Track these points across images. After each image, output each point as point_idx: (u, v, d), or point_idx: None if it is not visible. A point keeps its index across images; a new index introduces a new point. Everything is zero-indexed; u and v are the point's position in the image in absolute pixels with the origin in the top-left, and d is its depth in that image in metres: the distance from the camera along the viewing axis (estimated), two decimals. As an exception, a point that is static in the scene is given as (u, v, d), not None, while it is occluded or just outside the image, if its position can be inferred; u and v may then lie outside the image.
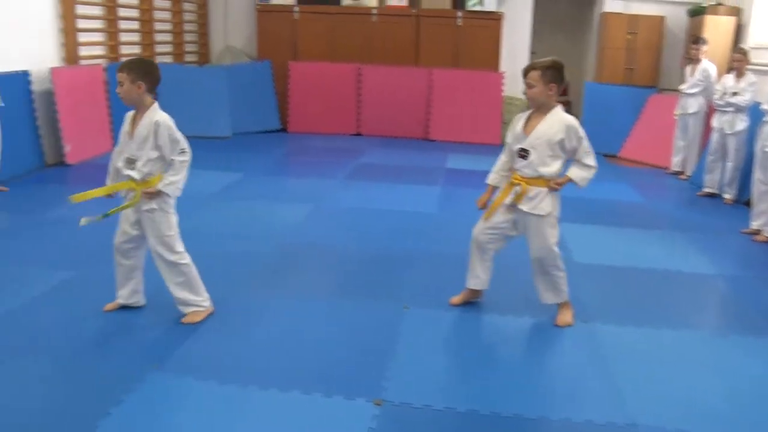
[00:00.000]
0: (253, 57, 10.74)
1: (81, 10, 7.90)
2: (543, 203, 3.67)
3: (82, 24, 7.96)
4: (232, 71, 10.04)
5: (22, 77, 7.05)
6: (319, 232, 5.47)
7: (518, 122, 3.70)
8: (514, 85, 9.95)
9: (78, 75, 7.78)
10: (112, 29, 8.64)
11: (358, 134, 9.99)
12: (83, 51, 8.04)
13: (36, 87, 7.23)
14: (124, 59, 8.72)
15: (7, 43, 6.58)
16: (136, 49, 9.28)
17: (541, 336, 3.76)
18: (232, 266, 4.61)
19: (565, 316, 3.85)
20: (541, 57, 3.77)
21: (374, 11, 9.96)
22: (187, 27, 10.64)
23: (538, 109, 3.64)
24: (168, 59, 10.03)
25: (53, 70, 7.31)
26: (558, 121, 3.60)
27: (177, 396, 3.01)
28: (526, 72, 3.57)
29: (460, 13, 9.74)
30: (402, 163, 8.16)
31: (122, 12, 8.78)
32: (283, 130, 10.33)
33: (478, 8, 9.69)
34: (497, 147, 9.55)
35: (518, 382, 3.23)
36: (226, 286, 4.25)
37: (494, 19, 9.71)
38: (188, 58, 10.71)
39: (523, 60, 10.11)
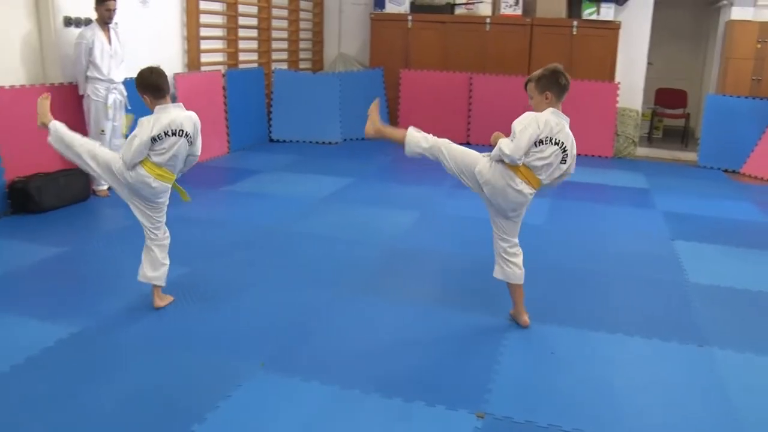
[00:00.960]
0: (365, 64, 10.88)
1: (204, 19, 8.23)
2: None
3: (204, 32, 8.30)
4: (344, 78, 10.21)
5: (148, 82, 7.40)
6: (425, 238, 5.47)
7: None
8: (629, 97, 9.68)
9: (199, 80, 8.10)
10: (231, 37, 8.95)
11: (467, 143, 9.93)
12: (204, 58, 8.37)
13: (160, 91, 7.56)
14: (242, 65, 9.07)
15: (137, 51, 6.92)
16: (253, 56, 9.59)
17: (653, 358, 3.61)
18: (339, 270, 4.67)
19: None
20: (659, 67, 3.70)
21: (488, 20, 9.90)
22: (303, 35, 10.90)
23: None
24: (283, 66, 10.30)
25: (177, 76, 7.64)
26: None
27: (281, 394, 3.06)
28: (525, 85, 3.74)
29: (575, 23, 9.54)
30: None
31: (242, 21, 9.09)
32: (393, 137, 10.39)
33: (594, 17, 9.46)
34: (608, 159, 9.33)
35: (628, 405, 3.11)
36: (334, 289, 4.32)
37: (611, 28, 9.47)
38: (303, 65, 10.96)
39: (640, 70, 9.81)
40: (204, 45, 8.35)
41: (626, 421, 2.95)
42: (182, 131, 3.79)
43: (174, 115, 3.78)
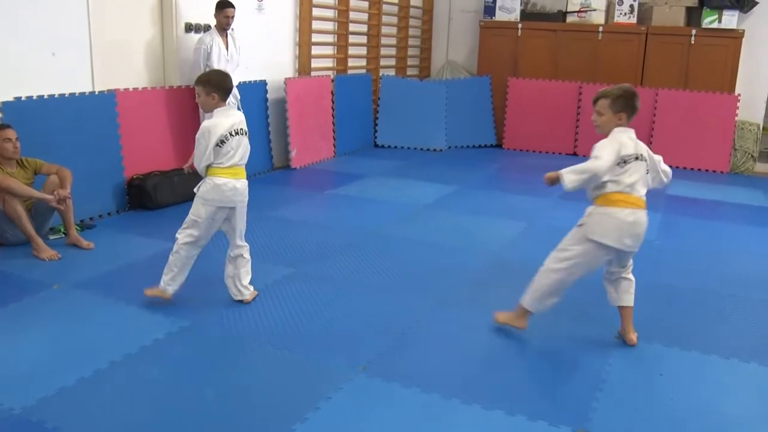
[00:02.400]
0: (472, 72, 10.83)
1: (316, 25, 8.40)
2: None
3: (315, 38, 8.46)
4: (451, 85, 10.20)
5: (261, 86, 7.62)
6: (530, 250, 5.36)
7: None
8: (750, 109, 9.24)
9: (308, 85, 8.27)
10: (341, 43, 9.09)
11: (575, 154, 9.74)
12: (315, 63, 8.54)
13: (271, 95, 7.78)
14: (350, 71, 9.20)
15: (252, 55, 7.14)
16: (362, 62, 9.71)
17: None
18: (441, 277, 4.66)
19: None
20: None
21: (600, 29, 9.66)
22: (411, 42, 10.97)
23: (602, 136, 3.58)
24: (391, 72, 10.38)
25: (287, 80, 7.82)
26: None
27: (381, 399, 3.07)
28: (595, 100, 3.54)
29: (694, 31, 9.18)
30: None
31: (352, 27, 9.22)
32: (499, 145, 10.32)
33: (715, 25, 9.08)
34: (724, 174, 8.92)
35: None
36: (436, 296, 4.30)
37: (733, 37, 9.05)
38: (410, 71, 11.02)
39: (764, 81, 9.32)
40: (315, 51, 8.51)
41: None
42: (244, 130, 4.01)
43: (235, 116, 4.02)
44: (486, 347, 3.65)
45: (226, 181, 3.90)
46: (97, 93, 5.67)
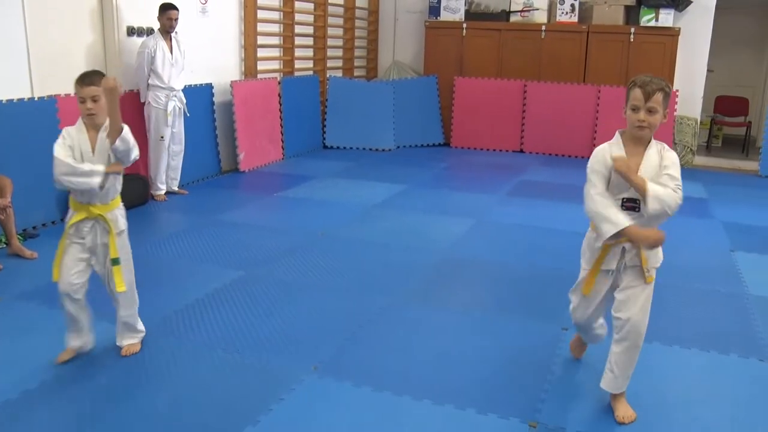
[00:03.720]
0: (419, 72, 10.90)
1: (261, 28, 8.36)
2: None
3: (261, 41, 8.42)
4: (398, 85, 10.25)
5: (207, 90, 7.56)
6: (480, 247, 5.45)
7: (608, 160, 2.87)
8: (687, 105, 9.49)
9: (255, 87, 8.22)
10: (288, 45, 9.06)
11: (521, 151, 9.88)
12: (261, 65, 8.50)
13: (217, 99, 7.72)
14: (297, 72, 9.18)
15: (197, 59, 7.08)
16: (309, 64, 9.70)
17: (711, 371, 3.52)
18: (392, 276, 4.69)
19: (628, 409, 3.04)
20: (719, 75, 3.43)
21: (543, 27, 9.82)
22: (358, 43, 10.98)
23: (639, 141, 2.90)
24: (338, 73, 10.39)
25: (233, 83, 7.77)
26: (658, 152, 2.89)
27: (333, 399, 3.08)
28: (652, 92, 2.75)
29: (633, 29, 9.40)
30: (566, 181, 7.97)
31: (298, 29, 9.20)
32: (447, 144, 10.41)
33: (653, 24, 9.30)
34: (668, 168, 9.12)
35: (683, 417, 3.05)
36: (386, 295, 4.33)
37: (670, 35, 9.29)
38: (357, 72, 11.04)
39: (700, 78, 9.58)
40: (261, 53, 8.47)
41: (683, 435, 2.89)
42: None
43: None
44: (437, 345, 3.68)
45: None
46: (36, 99, 5.56)
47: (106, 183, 3.18)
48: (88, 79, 3.16)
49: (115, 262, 3.30)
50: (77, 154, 3.19)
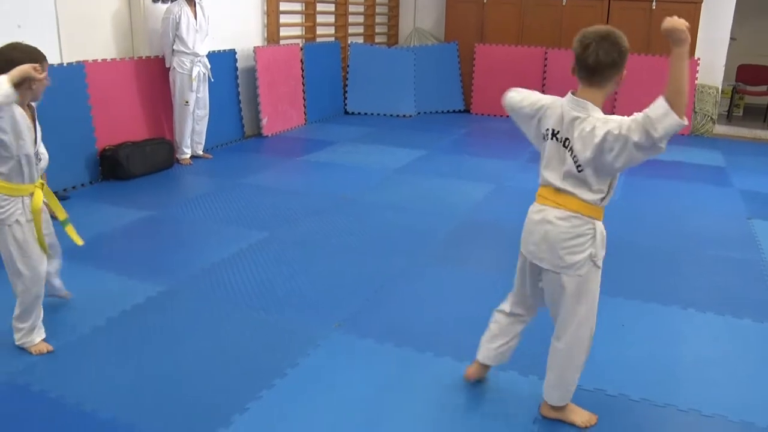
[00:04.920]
0: (440, 39, 10.89)
1: (283, -7, 8.41)
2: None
3: (283, 7, 8.47)
4: (418, 52, 10.26)
5: (230, 56, 7.63)
6: (499, 211, 5.53)
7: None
8: (708, 73, 9.43)
9: (277, 53, 8.29)
10: (310, 11, 9.10)
11: (541, 118, 9.89)
12: (283, 31, 8.55)
13: (240, 64, 7.80)
14: (319, 39, 9.21)
15: (220, 25, 7.15)
16: (330, 30, 9.73)
17: (725, 334, 3.60)
18: (412, 239, 4.79)
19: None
20: (742, 43, 3.19)
21: (565, -6, 9.77)
22: (379, 9, 10.98)
23: None
24: (360, 40, 10.41)
25: (256, 49, 7.84)
26: None
27: (357, 354, 3.21)
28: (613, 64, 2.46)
29: (655, -4, 9.33)
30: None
31: (320, -5, 9.24)
32: (467, 111, 10.44)
33: (676, -10, 9.21)
34: (684, 137, 9.13)
35: (696, 378, 3.14)
36: (406, 257, 4.43)
37: (693, 2, 9.20)
38: (378, 39, 11.05)
39: (722, 47, 9.50)
40: (283, 19, 8.52)
41: (693, 393, 2.98)
42: None
43: None
44: (456, 305, 3.78)
45: None
46: (65, 65, 5.67)
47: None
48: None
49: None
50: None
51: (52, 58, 5.54)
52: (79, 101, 5.79)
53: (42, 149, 3.17)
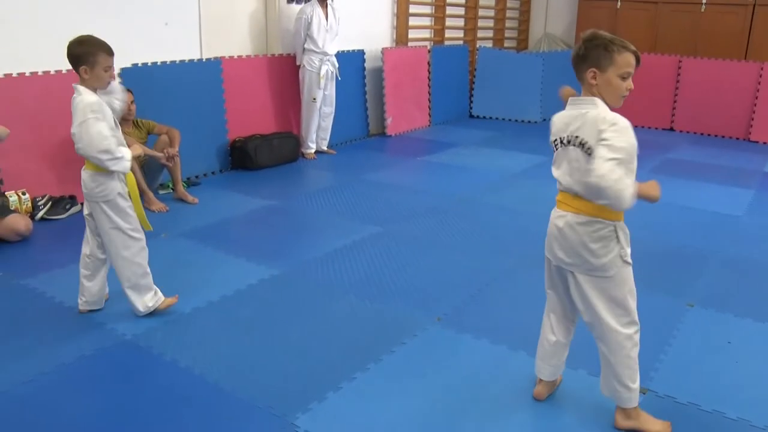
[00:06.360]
0: (570, 45, 10.76)
1: (414, -4, 8.59)
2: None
3: (413, 9, 8.64)
4: (547, 58, 10.18)
5: (359, 56, 7.88)
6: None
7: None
8: None
9: (405, 55, 8.47)
10: (439, 14, 9.23)
11: (671, 129, 9.58)
12: (412, 33, 8.73)
13: (368, 65, 8.03)
14: (447, 42, 9.33)
15: (351, 26, 7.41)
16: (459, 33, 9.83)
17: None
18: (521, 241, 4.82)
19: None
20: None
21: (704, 1, 9.42)
22: (509, 14, 10.98)
23: None
24: (488, 44, 10.45)
25: (384, 50, 8.05)
26: None
27: (452, 347, 3.29)
28: (638, 60, 2.47)
29: (807, 3, 8.84)
30: (714, 162, 7.70)
31: (450, -2, 9.36)
32: (593, 119, 10.25)
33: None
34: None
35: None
36: (515, 258, 4.48)
37: None
38: (507, 43, 11.05)
39: None
40: (412, 21, 8.70)
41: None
42: None
43: None
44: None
45: None
46: (204, 60, 6.07)
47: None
48: (112, 50, 3.18)
49: None
50: (109, 122, 3.21)
51: (193, 54, 5.96)
52: (214, 94, 6.19)
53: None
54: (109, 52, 3.16)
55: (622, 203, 2.32)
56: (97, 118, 3.10)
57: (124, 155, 3.22)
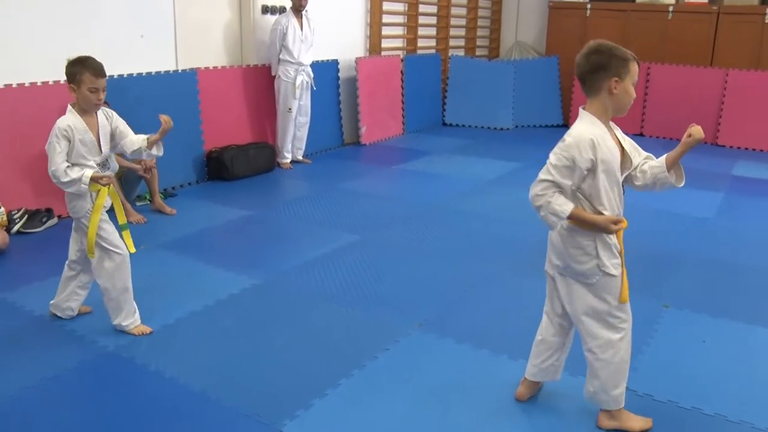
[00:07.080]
0: (541, 53, 10.91)
1: (387, 6, 8.65)
2: None
3: (386, 19, 8.71)
4: (519, 65, 10.31)
5: (333, 66, 7.93)
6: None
7: (606, 139, 2.54)
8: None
9: (378, 64, 8.53)
10: (412, 24, 9.31)
11: (641, 134, 9.73)
12: (385, 43, 8.80)
13: (342, 74, 8.08)
14: (420, 51, 9.40)
15: (325, 36, 7.45)
16: (432, 42, 9.91)
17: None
18: (499, 247, 4.88)
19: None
20: None
21: (671, 8, 9.61)
22: (481, 22, 11.10)
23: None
24: (460, 52, 10.55)
25: (358, 60, 8.11)
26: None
27: (434, 352, 3.33)
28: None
29: (768, 11, 9.05)
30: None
31: (422, 8, 9.44)
32: (565, 125, 10.38)
33: (791, 5, 8.92)
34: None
35: (775, 392, 3.11)
36: (493, 265, 4.53)
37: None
38: (479, 51, 11.16)
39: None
40: (385, 31, 8.77)
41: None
42: None
43: None
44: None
45: None
46: (180, 71, 6.07)
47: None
48: (102, 71, 3.22)
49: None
50: (85, 144, 3.23)
51: (169, 65, 5.96)
52: (190, 105, 6.19)
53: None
54: (97, 73, 3.16)
55: (545, 220, 2.60)
56: (58, 142, 3.12)
57: (79, 179, 3.13)
